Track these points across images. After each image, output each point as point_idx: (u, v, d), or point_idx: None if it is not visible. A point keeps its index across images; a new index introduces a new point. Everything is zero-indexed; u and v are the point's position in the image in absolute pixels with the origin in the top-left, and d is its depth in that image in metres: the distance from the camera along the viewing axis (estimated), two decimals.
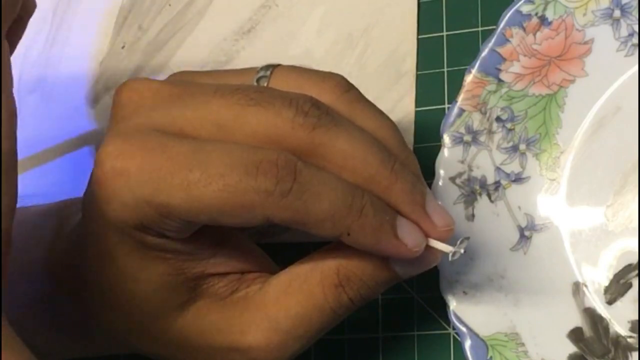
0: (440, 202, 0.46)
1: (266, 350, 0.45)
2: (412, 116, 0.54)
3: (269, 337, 0.45)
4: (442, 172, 0.51)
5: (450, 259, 0.44)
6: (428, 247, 0.44)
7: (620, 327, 0.49)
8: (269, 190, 0.41)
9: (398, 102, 0.55)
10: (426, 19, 0.55)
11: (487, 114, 0.51)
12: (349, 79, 0.54)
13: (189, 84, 0.45)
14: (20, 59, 0.64)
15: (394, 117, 0.54)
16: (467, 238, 0.44)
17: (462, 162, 0.51)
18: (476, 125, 0.51)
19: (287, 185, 0.41)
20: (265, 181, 0.41)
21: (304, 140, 0.43)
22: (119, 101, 0.45)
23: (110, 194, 0.43)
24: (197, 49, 0.60)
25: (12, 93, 0.39)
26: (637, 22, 0.50)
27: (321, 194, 0.42)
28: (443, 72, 0.54)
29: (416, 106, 0.54)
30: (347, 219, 0.42)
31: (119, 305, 0.47)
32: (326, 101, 0.44)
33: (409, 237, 0.43)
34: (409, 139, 0.54)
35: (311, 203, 0.42)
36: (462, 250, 0.44)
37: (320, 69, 0.56)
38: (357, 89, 0.46)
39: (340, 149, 0.43)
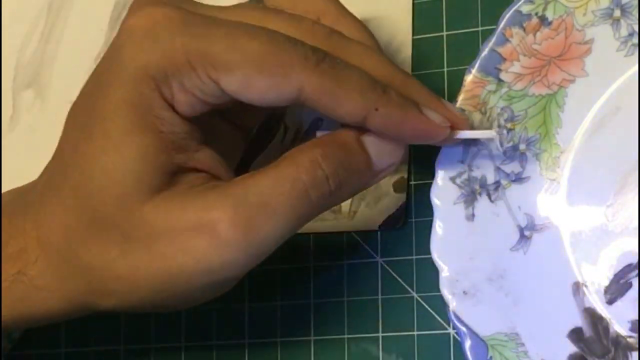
0: None
1: (232, 225, 0.43)
2: None
3: (236, 210, 0.43)
4: (442, 172, 0.51)
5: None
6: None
7: (620, 327, 0.49)
8: (307, 55, 0.43)
9: None
10: (425, 18, 0.55)
11: (487, 114, 0.51)
12: None
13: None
14: (16, 55, 0.64)
15: None
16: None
17: (462, 162, 0.51)
18: (476, 125, 0.51)
19: (322, 54, 0.44)
20: (304, 45, 0.44)
21: (325, 41, 0.46)
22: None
23: (146, 34, 0.44)
24: None
25: None
26: (637, 22, 0.50)
27: (351, 69, 0.44)
28: (443, 72, 0.54)
29: None
30: (374, 92, 0.44)
31: (87, 184, 0.44)
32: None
33: (433, 114, 0.46)
34: None
35: (342, 72, 0.44)
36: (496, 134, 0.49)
37: None
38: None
39: (356, 51, 0.46)
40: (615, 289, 0.49)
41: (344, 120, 0.45)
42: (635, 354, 0.48)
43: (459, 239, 0.50)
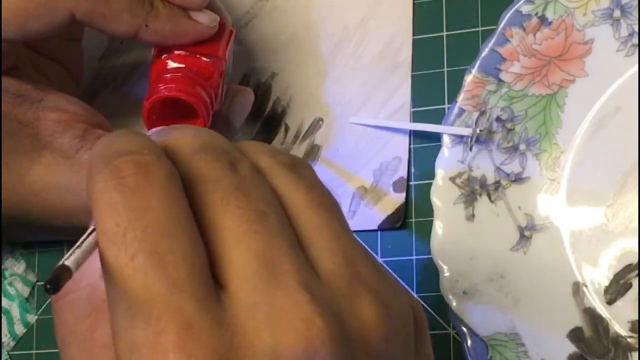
0: None
1: None
2: (408, 106, 0.54)
3: None
4: (442, 172, 0.51)
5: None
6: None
7: (620, 327, 0.49)
8: None
9: (394, 92, 0.55)
10: (426, 18, 0.55)
11: (487, 114, 0.51)
12: (345, 70, 0.56)
13: None
14: None
15: (390, 107, 0.55)
16: None
17: (462, 162, 0.51)
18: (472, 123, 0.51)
19: None
20: None
21: None
22: None
23: None
24: None
25: None
26: (637, 22, 0.50)
27: None
28: (443, 72, 0.54)
29: (416, 106, 0.54)
30: (142, 10, 0.48)
31: None
32: None
33: (202, 16, 0.49)
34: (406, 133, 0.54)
35: None
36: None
37: (317, 62, 0.57)
38: None
39: None
40: (615, 289, 0.49)
41: (117, 36, 0.49)
42: (635, 354, 0.48)
43: (459, 239, 0.51)
